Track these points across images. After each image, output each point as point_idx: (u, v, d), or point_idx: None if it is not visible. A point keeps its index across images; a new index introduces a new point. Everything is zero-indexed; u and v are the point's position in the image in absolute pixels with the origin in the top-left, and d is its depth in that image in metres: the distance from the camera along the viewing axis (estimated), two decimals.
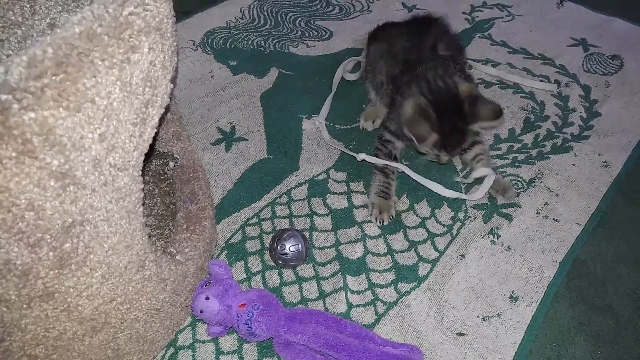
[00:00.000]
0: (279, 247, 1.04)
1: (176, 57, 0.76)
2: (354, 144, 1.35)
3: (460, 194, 1.19)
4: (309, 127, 1.40)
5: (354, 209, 1.19)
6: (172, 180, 1.09)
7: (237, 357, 0.94)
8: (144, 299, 0.81)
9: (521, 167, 1.29)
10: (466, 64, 1.44)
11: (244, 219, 1.17)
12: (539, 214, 1.18)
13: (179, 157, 1.08)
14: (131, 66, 0.62)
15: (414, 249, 1.11)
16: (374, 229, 1.15)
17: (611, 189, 1.24)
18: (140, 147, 0.70)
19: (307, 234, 1.12)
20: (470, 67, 1.58)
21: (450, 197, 1.19)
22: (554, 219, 1.17)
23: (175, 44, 0.74)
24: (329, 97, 1.46)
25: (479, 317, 1.00)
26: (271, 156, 1.32)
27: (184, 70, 1.58)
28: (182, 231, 0.97)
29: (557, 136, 1.37)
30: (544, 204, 1.20)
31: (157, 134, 0.80)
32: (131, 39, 0.61)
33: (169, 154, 1.09)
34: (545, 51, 1.66)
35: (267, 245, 1.10)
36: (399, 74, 1.25)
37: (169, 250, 0.93)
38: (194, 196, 1.02)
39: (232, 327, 0.94)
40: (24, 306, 0.65)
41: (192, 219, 0.99)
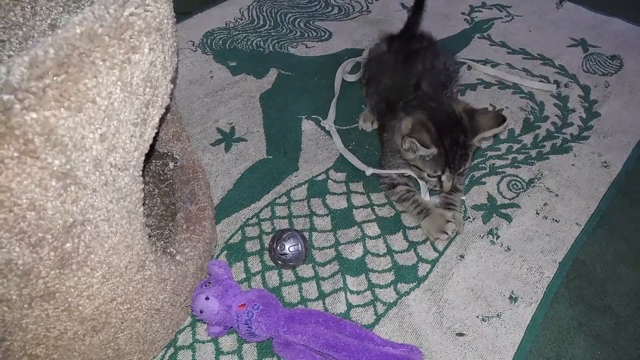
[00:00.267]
0: (278, 248, 1.04)
1: (176, 58, 0.76)
2: (353, 144, 1.35)
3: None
4: (309, 127, 1.40)
5: (354, 209, 1.19)
6: (172, 180, 1.09)
7: (236, 357, 0.94)
8: (144, 299, 0.82)
9: (520, 167, 1.29)
10: (459, 81, 1.41)
11: (244, 220, 1.17)
12: (538, 214, 1.19)
13: (178, 158, 1.09)
14: (132, 66, 0.62)
15: (413, 249, 1.12)
16: (373, 229, 1.15)
17: (611, 189, 1.24)
18: (140, 147, 0.70)
19: (306, 235, 1.12)
20: (469, 67, 1.59)
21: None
22: (553, 219, 1.18)
23: (175, 44, 0.74)
24: (334, 100, 1.46)
25: (478, 317, 1.00)
26: (271, 156, 1.32)
27: (184, 71, 1.58)
28: (182, 231, 0.97)
29: (557, 136, 1.37)
30: (544, 205, 1.21)
31: (157, 134, 0.80)
32: (132, 40, 0.61)
33: (169, 154, 1.09)
34: (544, 51, 1.66)
35: (266, 245, 1.10)
36: (383, 109, 1.26)
37: (169, 250, 0.93)
38: (193, 196, 1.02)
39: (231, 327, 0.94)
40: (25, 306, 0.65)
41: (192, 220, 0.99)
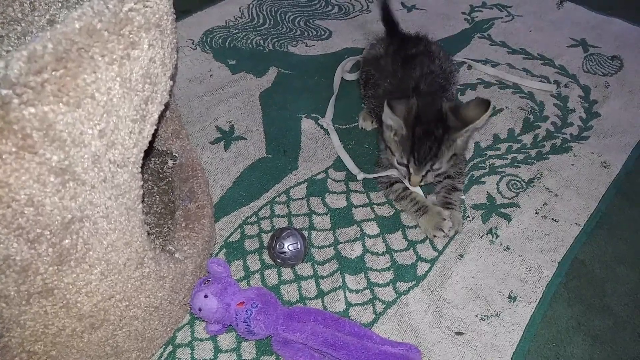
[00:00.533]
0: (277, 246, 1.04)
1: (176, 55, 0.76)
2: (353, 143, 1.35)
3: None
4: (308, 126, 1.40)
5: (353, 208, 1.19)
6: (171, 178, 1.09)
7: (235, 355, 0.94)
8: (142, 296, 0.81)
9: (520, 167, 1.29)
10: (456, 86, 1.39)
11: (243, 218, 1.17)
12: (537, 214, 1.19)
13: (177, 156, 1.08)
14: (131, 62, 0.62)
15: (412, 248, 1.11)
16: (372, 227, 1.15)
17: (610, 190, 1.24)
18: (139, 144, 0.70)
19: (306, 233, 1.12)
20: (469, 67, 1.59)
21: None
22: (552, 219, 1.17)
23: (175, 41, 0.74)
24: (332, 98, 1.46)
25: (477, 316, 1.00)
26: (270, 155, 1.32)
27: (183, 69, 1.58)
28: (181, 229, 0.96)
29: (557, 136, 1.37)
30: (543, 204, 1.20)
31: (156, 131, 0.80)
32: (131, 35, 0.61)
33: (168, 152, 1.09)
34: (544, 51, 1.66)
35: (265, 244, 1.10)
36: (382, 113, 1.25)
37: (167, 248, 0.92)
38: (192, 194, 1.02)
39: (230, 325, 0.94)
40: (23, 302, 0.65)
41: (190, 218, 0.98)
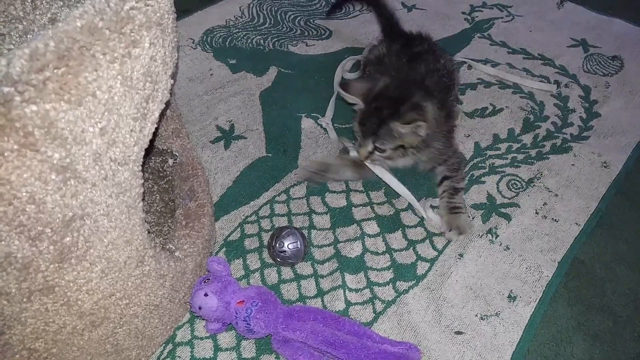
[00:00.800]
0: (277, 245, 1.04)
1: (177, 53, 0.76)
2: (353, 142, 1.34)
3: (424, 210, 1.16)
4: (308, 125, 1.40)
5: (353, 207, 1.19)
6: (171, 177, 1.09)
7: (235, 353, 0.94)
8: (143, 294, 0.81)
9: (520, 167, 1.29)
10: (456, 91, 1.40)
11: (243, 217, 1.17)
12: (537, 213, 1.19)
13: (178, 155, 1.08)
14: (132, 61, 0.62)
15: (412, 247, 1.11)
16: (372, 227, 1.15)
17: (610, 190, 1.24)
18: (140, 142, 0.70)
19: (305, 232, 1.12)
20: (470, 66, 1.59)
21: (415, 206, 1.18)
22: (552, 219, 1.17)
23: (175, 39, 0.74)
24: (332, 98, 1.46)
25: (477, 316, 1.00)
26: (270, 154, 1.32)
27: (184, 68, 1.58)
28: (181, 228, 0.97)
29: (557, 136, 1.37)
30: (543, 204, 1.21)
31: (156, 130, 0.80)
32: (132, 34, 0.61)
33: (168, 151, 1.09)
34: (545, 51, 1.66)
35: (265, 243, 1.10)
36: None
37: (168, 246, 0.93)
38: (193, 193, 1.02)
39: (230, 323, 0.94)
40: (24, 300, 0.65)
41: (191, 216, 0.99)
